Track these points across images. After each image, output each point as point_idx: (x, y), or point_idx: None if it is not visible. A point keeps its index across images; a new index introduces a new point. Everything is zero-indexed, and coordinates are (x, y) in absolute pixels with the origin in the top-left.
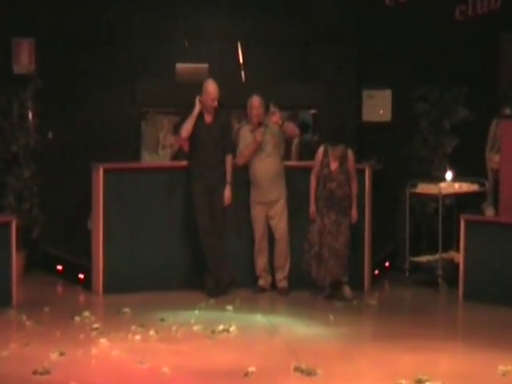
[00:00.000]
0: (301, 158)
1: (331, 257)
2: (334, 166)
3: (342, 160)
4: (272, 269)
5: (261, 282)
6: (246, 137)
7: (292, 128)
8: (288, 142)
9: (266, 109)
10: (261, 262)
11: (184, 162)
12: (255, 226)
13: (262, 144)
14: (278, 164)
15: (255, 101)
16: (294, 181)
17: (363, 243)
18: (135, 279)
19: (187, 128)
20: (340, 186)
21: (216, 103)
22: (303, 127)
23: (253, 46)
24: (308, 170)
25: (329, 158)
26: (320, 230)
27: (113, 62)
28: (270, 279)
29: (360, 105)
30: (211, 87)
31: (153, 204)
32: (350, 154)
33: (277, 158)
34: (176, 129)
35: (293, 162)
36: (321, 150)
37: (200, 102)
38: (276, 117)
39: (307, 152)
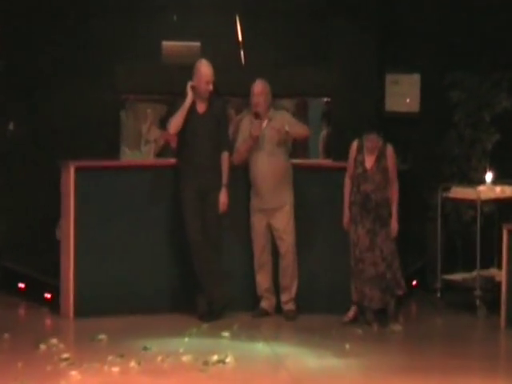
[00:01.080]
0: (330, 154)
1: (369, 276)
2: (369, 162)
3: (380, 156)
4: (277, 289)
5: (263, 304)
6: (244, 130)
7: (299, 130)
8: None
9: (273, 96)
10: (263, 280)
11: (171, 160)
12: (255, 238)
13: (262, 140)
14: (283, 164)
15: (257, 86)
16: (317, 184)
17: (398, 261)
18: (113, 300)
19: (177, 123)
20: (377, 188)
21: (211, 87)
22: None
23: (254, 20)
24: (331, 170)
25: (363, 155)
26: (354, 242)
27: (87, 41)
28: (274, 301)
29: (383, 92)
30: (205, 68)
31: (134, 210)
32: (390, 149)
33: (281, 157)
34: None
35: (315, 161)
36: (354, 144)
37: (192, 88)
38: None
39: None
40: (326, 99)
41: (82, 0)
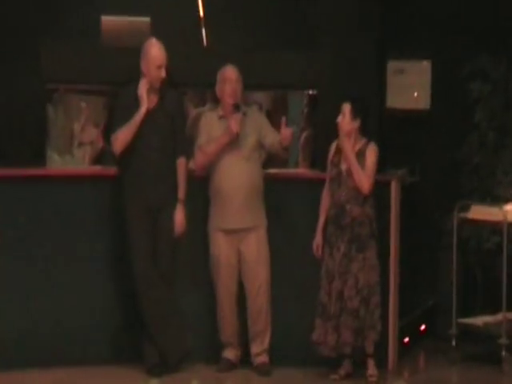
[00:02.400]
0: (313, 162)
1: (341, 312)
2: (345, 163)
3: (359, 156)
4: (244, 335)
5: (227, 354)
6: (211, 126)
7: (279, 150)
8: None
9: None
10: (227, 324)
11: (112, 169)
12: (217, 270)
13: (239, 138)
14: (258, 173)
15: (229, 71)
16: (296, 199)
17: (387, 295)
18: (35, 349)
19: (125, 140)
20: (354, 197)
21: (163, 73)
22: None
23: None
24: (314, 182)
25: (341, 156)
26: (327, 269)
27: (4, 17)
28: (240, 350)
29: (383, 84)
30: (155, 50)
31: (64, 233)
32: (372, 147)
33: (257, 164)
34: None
35: (293, 171)
36: (333, 146)
37: (145, 83)
38: (287, 135)
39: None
40: (310, 92)
41: None
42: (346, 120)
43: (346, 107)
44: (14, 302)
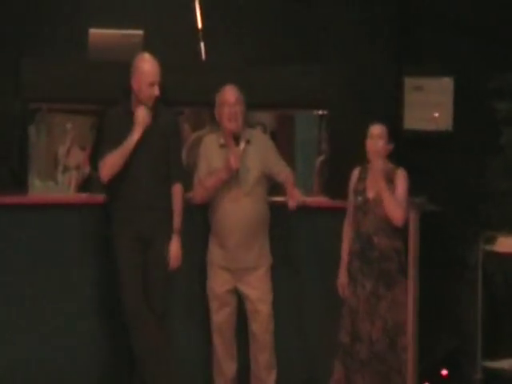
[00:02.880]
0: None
1: (370, 358)
2: (372, 190)
3: (388, 182)
4: (244, 380)
5: None
6: (211, 155)
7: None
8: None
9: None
10: (226, 368)
11: (100, 196)
12: (215, 307)
13: (239, 172)
14: (263, 207)
15: (228, 93)
16: (307, 231)
17: (406, 339)
18: None
19: (115, 166)
20: (382, 228)
21: (156, 91)
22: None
23: (219, 1)
24: (326, 212)
25: (365, 183)
26: (352, 309)
27: None
28: None
29: (401, 102)
30: (147, 65)
31: (48, 265)
32: (402, 172)
33: (261, 197)
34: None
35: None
36: (355, 173)
37: (141, 110)
38: (295, 198)
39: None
40: (320, 112)
41: None
42: (381, 143)
43: (382, 129)
44: None
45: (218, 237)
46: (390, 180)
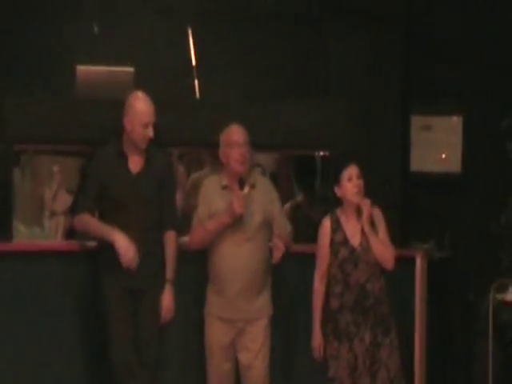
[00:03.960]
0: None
1: None
2: (356, 238)
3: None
4: None
5: None
6: (212, 198)
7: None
8: None
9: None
10: None
11: (89, 243)
12: (212, 358)
13: (242, 217)
14: (265, 254)
15: (237, 133)
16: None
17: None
18: None
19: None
20: (373, 274)
21: (150, 132)
22: None
23: (214, 33)
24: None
25: (343, 231)
26: (350, 367)
27: None
28: None
29: (407, 143)
30: (141, 105)
31: (32, 314)
32: (377, 211)
33: (262, 246)
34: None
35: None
36: (326, 223)
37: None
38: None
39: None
40: (322, 153)
41: None
42: (359, 184)
43: (358, 168)
44: None
45: (217, 285)
46: (371, 222)
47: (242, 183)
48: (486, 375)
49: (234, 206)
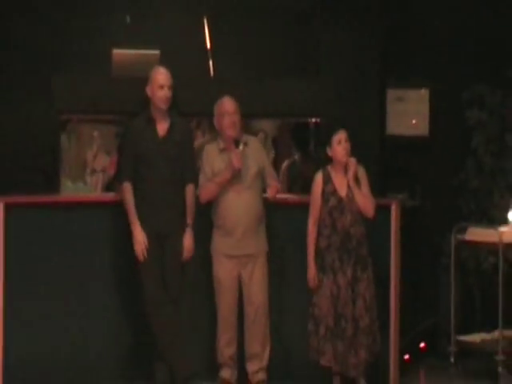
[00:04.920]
0: (292, 189)
1: (357, 333)
2: (343, 190)
3: (355, 180)
4: (240, 357)
5: (225, 374)
6: (213, 160)
7: (275, 192)
8: None
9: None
10: (227, 346)
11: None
12: (221, 292)
13: (239, 172)
14: (261, 200)
15: (228, 104)
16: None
17: (388, 315)
18: (50, 370)
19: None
20: (356, 221)
21: (169, 93)
22: None
23: (226, 22)
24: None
25: (333, 184)
26: (334, 296)
27: (16, 46)
28: (236, 370)
29: (384, 111)
30: (159, 72)
31: (77, 257)
32: (362, 170)
33: (258, 193)
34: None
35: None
36: (318, 176)
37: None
38: (274, 189)
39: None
40: (314, 119)
41: None
42: (347, 147)
43: (346, 133)
44: (26, 324)
45: (223, 228)
46: (356, 177)
47: (237, 143)
48: (449, 301)
49: (234, 162)
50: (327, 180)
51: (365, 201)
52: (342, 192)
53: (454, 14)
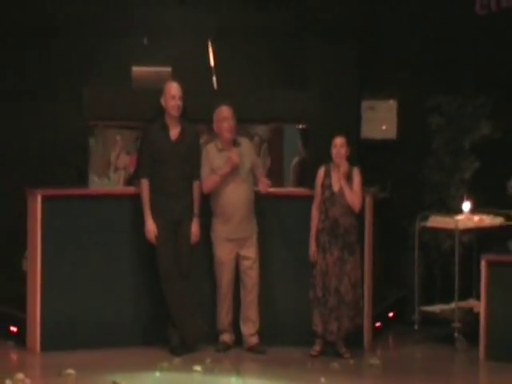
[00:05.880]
0: (302, 182)
1: (340, 304)
2: (336, 185)
3: (348, 179)
4: (236, 324)
5: (225, 338)
6: (212, 158)
7: (266, 188)
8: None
9: (247, 122)
10: (226, 314)
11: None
12: (221, 270)
13: (237, 168)
14: (252, 192)
15: (226, 111)
16: (289, 213)
17: (362, 288)
18: (81, 333)
19: (211, 185)
20: (345, 212)
21: (178, 102)
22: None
23: (227, 44)
24: (305, 199)
25: (331, 179)
26: (323, 271)
27: (53, 63)
28: (233, 334)
29: (359, 119)
30: (171, 85)
31: (103, 240)
32: (356, 170)
33: (251, 185)
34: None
35: (289, 190)
36: (321, 170)
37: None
38: (265, 186)
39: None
40: (301, 125)
41: (49, 20)
42: (343, 151)
43: (343, 139)
44: (61, 295)
45: (222, 216)
46: (349, 177)
47: (234, 143)
48: (414, 277)
49: (233, 158)
50: (327, 174)
51: (353, 197)
52: (336, 187)
53: (417, 36)
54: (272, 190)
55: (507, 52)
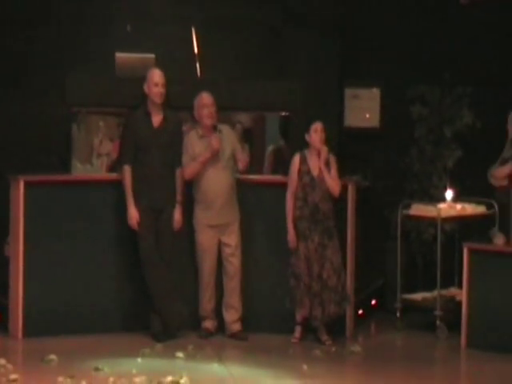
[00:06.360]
0: (278, 169)
1: (323, 289)
2: (316, 170)
3: (326, 164)
4: (218, 311)
5: (207, 325)
6: (193, 144)
7: (245, 163)
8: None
9: (230, 109)
10: (209, 301)
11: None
12: (204, 256)
13: (217, 154)
14: (233, 178)
15: (206, 98)
16: (269, 200)
17: (345, 273)
18: (63, 319)
19: (192, 171)
20: (324, 197)
21: (161, 90)
22: None
23: (211, 32)
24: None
25: (308, 165)
26: (306, 257)
27: (36, 50)
28: (216, 321)
29: (342, 106)
30: (154, 72)
31: (86, 226)
32: (333, 158)
33: (232, 171)
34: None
35: (267, 177)
36: (296, 157)
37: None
38: (243, 161)
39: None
40: (284, 113)
41: (32, 7)
42: (324, 136)
43: (322, 125)
44: (44, 281)
45: (204, 202)
46: (327, 162)
47: (215, 130)
48: (396, 265)
49: (213, 144)
50: (303, 161)
51: (332, 183)
52: (315, 172)
53: (399, 26)
54: (253, 177)
55: (489, 43)
